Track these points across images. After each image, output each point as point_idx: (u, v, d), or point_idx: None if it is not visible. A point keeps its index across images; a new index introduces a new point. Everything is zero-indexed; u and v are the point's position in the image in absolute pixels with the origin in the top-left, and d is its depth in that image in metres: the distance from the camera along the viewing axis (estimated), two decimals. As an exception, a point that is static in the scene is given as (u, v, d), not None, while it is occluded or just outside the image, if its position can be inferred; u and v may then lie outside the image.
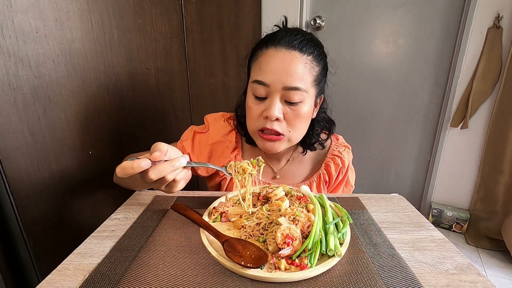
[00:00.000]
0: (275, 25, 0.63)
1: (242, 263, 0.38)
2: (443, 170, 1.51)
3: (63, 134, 0.73)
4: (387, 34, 1.40)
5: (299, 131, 0.61)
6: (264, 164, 0.54)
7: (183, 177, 0.48)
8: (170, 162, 0.44)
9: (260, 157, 0.54)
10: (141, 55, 0.99)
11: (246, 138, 0.69)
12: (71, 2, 0.72)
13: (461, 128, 1.40)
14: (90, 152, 0.82)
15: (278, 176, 0.72)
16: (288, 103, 0.57)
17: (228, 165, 0.53)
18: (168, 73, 1.15)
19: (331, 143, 0.73)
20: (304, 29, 1.41)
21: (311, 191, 0.67)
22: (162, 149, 0.45)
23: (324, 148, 0.73)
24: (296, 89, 0.55)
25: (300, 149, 0.71)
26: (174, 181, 0.46)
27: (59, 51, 0.70)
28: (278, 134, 0.59)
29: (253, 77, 0.58)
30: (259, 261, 0.39)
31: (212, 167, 0.52)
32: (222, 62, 1.34)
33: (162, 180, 0.44)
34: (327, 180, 0.70)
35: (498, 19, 1.24)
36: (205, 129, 0.71)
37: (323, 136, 0.72)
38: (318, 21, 1.39)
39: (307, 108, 0.59)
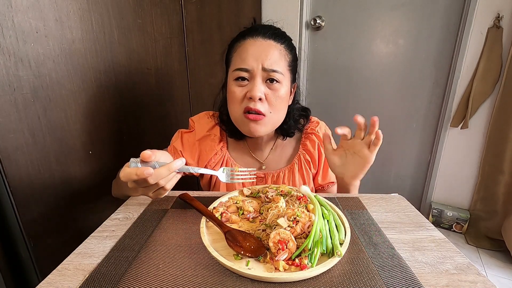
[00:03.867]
0: (244, 27, 0.70)
1: (242, 252, 0.41)
2: (443, 170, 1.51)
3: (63, 134, 0.73)
4: (387, 34, 1.40)
5: (279, 113, 0.66)
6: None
7: (173, 184, 0.51)
8: (166, 166, 0.46)
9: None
10: (141, 55, 0.99)
11: (229, 133, 0.74)
12: (71, 2, 0.72)
13: (461, 128, 1.40)
14: (90, 152, 0.82)
15: (264, 167, 0.76)
16: (269, 83, 0.62)
17: (223, 168, 0.56)
18: (168, 73, 1.15)
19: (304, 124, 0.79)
20: (304, 29, 1.41)
21: (295, 173, 0.73)
22: (155, 153, 0.48)
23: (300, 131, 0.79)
24: (274, 71, 0.61)
25: (280, 137, 0.76)
26: (163, 188, 0.49)
27: (59, 51, 0.70)
28: (261, 115, 0.63)
29: (235, 66, 0.63)
30: (258, 252, 0.41)
31: (208, 172, 0.53)
32: (222, 62, 1.34)
33: (156, 184, 0.47)
34: (309, 159, 0.75)
35: (498, 19, 1.24)
36: (191, 129, 0.76)
37: (301, 122, 0.77)
38: (318, 21, 1.39)
39: (285, 90, 0.64)
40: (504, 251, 1.32)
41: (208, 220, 0.49)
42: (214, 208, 0.53)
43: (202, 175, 0.77)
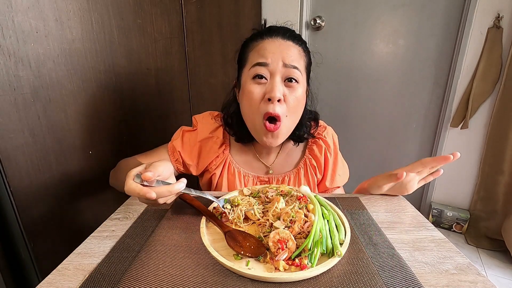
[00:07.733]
0: (253, 29, 0.68)
1: (242, 252, 0.41)
2: (443, 170, 1.51)
3: (63, 134, 0.73)
4: (387, 34, 1.40)
5: (294, 117, 0.64)
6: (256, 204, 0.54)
7: (172, 200, 0.51)
8: (168, 188, 0.45)
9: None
10: (141, 55, 0.99)
11: (237, 138, 0.71)
12: (71, 2, 0.72)
13: (461, 128, 1.40)
14: (90, 152, 0.82)
15: (271, 171, 0.74)
16: (288, 82, 0.60)
17: (225, 200, 0.55)
18: (168, 73, 1.14)
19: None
20: (304, 29, 1.41)
21: (301, 177, 0.72)
22: (156, 170, 0.47)
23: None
24: (294, 67, 0.60)
25: (290, 142, 0.74)
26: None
27: (59, 51, 0.70)
28: (277, 120, 0.61)
29: (253, 61, 0.61)
30: (258, 251, 0.42)
31: (209, 197, 0.53)
32: (222, 62, 1.34)
33: (155, 200, 0.46)
34: (315, 164, 0.73)
35: (498, 19, 1.24)
36: (193, 128, 0.74)
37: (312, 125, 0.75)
38: (318, 21, 1.39)
39: (302, 91, 0.63)
40: (504, 251, 1.32)
41: (208, 220, 0.49)
42: (214, 208, 0.53)
43: (202, 174, 0.76)
